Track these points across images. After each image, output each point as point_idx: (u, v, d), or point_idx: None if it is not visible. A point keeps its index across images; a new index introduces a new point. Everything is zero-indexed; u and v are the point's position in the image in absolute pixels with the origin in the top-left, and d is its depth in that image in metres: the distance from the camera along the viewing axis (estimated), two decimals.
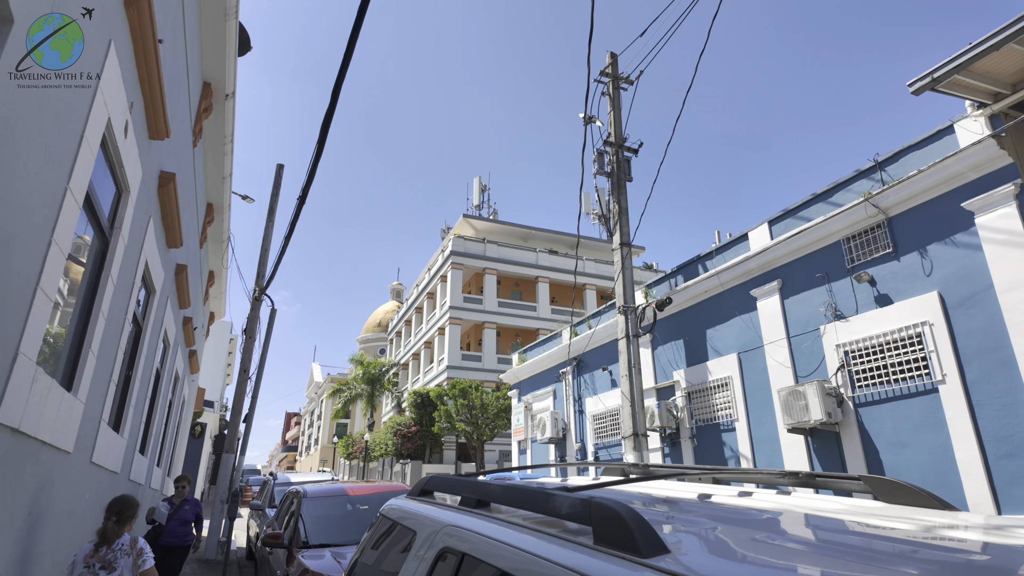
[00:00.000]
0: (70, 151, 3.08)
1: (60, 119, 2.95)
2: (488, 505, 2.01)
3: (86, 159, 3.20)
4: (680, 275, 13.84)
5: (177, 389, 10.31)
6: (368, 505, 6.52)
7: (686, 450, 12.93)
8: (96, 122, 3.34)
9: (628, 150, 15.25)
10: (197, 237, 9.31)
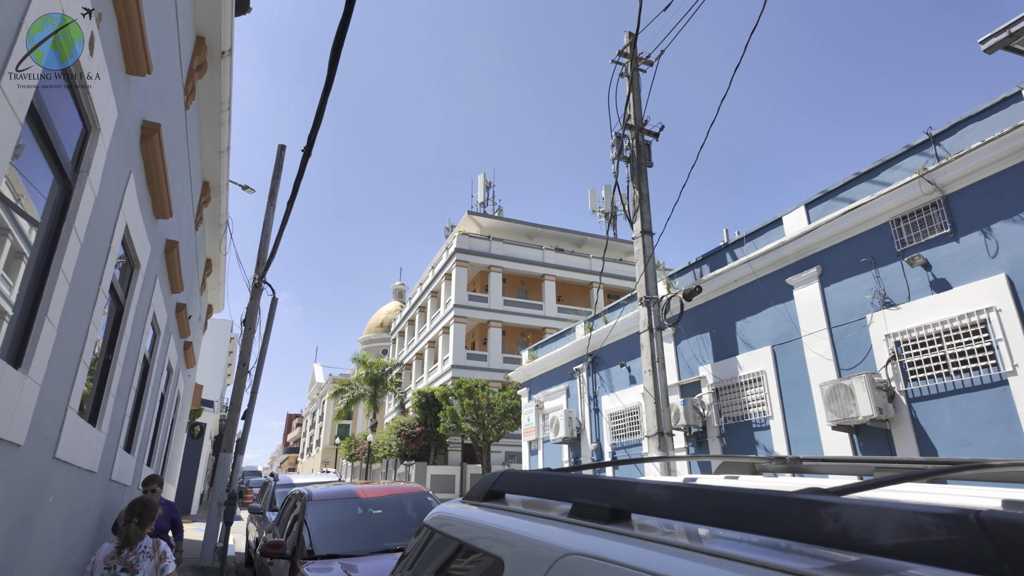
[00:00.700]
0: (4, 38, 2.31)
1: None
2: (629, 518, 1.21)
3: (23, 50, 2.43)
4: (706, 264, 13.04)
5: (171, 383, 9.54)
6: (382, 509, 5.73)
7: (714, 450, 12.12)
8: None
9: (648, 134, 14.48)
10: (191, 215, 8.55)
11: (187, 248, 8.45)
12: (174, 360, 9.36)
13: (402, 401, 45.50)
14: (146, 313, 6.21)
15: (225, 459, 10.40)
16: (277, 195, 11.69)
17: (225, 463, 10.36)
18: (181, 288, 7.95)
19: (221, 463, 10.26)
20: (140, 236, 5.28)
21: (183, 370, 11.25)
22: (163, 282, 7.00)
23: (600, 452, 15.82)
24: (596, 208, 49.63)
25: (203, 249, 11.15)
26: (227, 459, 10.43)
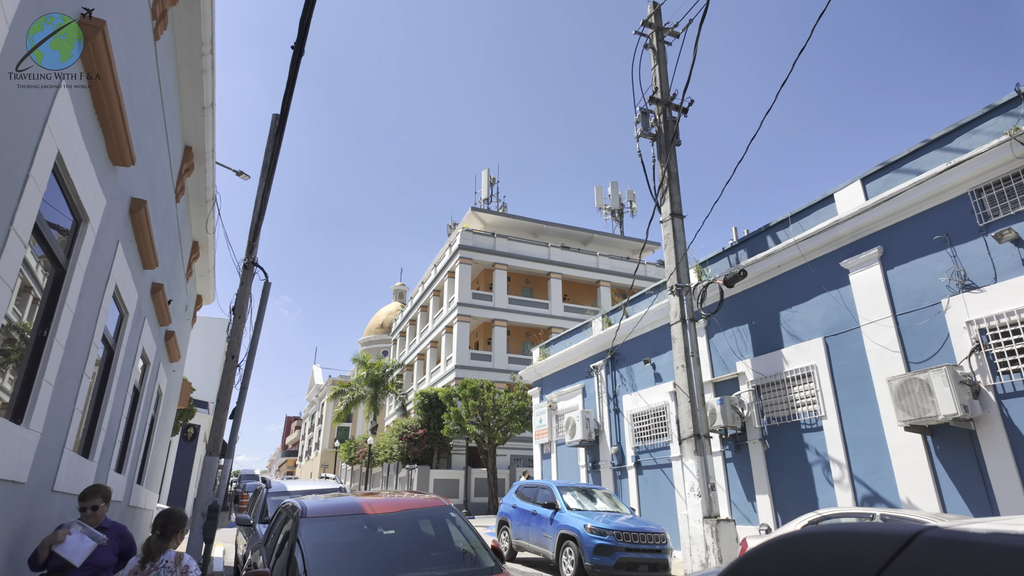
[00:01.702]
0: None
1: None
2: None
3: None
4: (743, 249, 11.87)
5: (148, 376, 8.36)
6: (395, 529, 4.54)
7: (755, 454, 10.94)
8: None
9: (676, 109, 13.32)
10: (169, 181, 7.37)
11: (162, 215, 7.27)
12: (151, 350, 8.17)
13: (403, 403, 44.28)
14: (103, 284, 5.03)
15: (211, 463, 9.19)
16: (274, 169, 10.51)
17: (210, 468, 9.16)
18: (155, 263, 6.77)
19: (206, 468, 9.05)
20: (86, 179, 4.11)
21: (165, 363, 10.05)
22: (129, 251, 5.82)
23: (621, 455, 14.63)
24: (603, 205, 48.56)
25: (188, 228, 9.97)
26: (212, 463, 9.22)
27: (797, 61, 9.02)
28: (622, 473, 14.54)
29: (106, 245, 4.98)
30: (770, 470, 10.63)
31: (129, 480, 8.24)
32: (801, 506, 9.90)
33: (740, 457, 11.29)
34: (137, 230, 5.83)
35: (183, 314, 11.38)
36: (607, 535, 9.64)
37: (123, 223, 5.43)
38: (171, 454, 25.35)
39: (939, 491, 8.03)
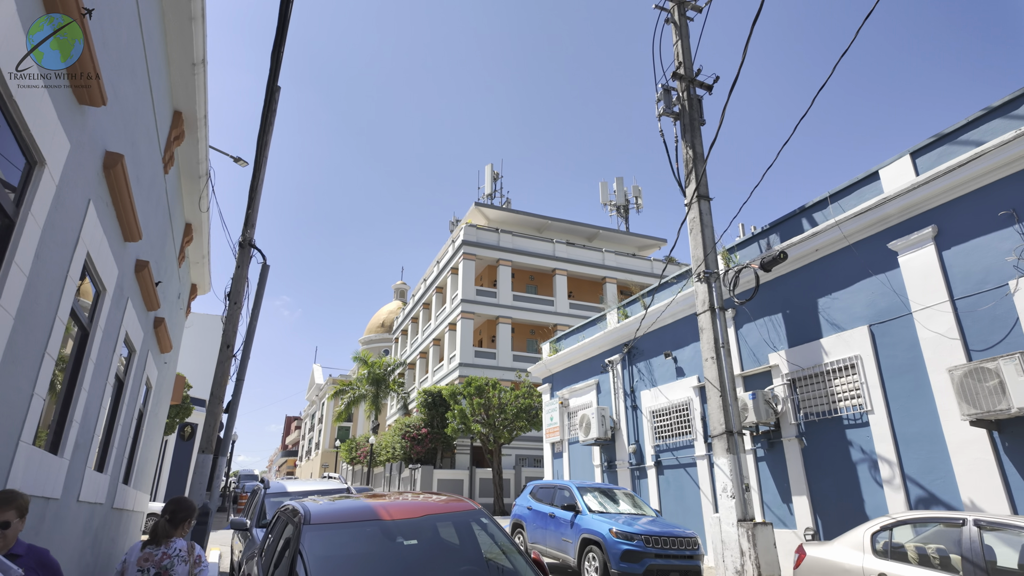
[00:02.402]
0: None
1: None
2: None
3: None
4: (774, 233, 11.09)
5: (133, 364, 7.57)
6: (417, 538, 3.75)
7: (791, 453, 10.16)
8: None
9: (700, 86, 12.55)
10: (154, 143, 6.57)
11: (147, 184, 6.48)
12: (136, 336, 7.38)
13: (405, 402, 43.48)
14: (69, 248, 4.25)
15: (203, 462, 8.42)
16: (269, 145, 9.74)
17: (203, 467, 8.39)
18: (138, 235, 5.99)
19: (198, 467, 8.28)
20: (40, 110, 3.34)
21: (155, 353, 9.27)
22: (104, 215, 5.04)
23: (640, 454, 13.84)
24: (608, 201, 47.77)
25: (180, 207, 9.18)
26: (206, 462, 8.45)
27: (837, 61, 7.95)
28: (641, 473, 13.76)
29: (73, 201, 4.20)
30: (808, 469, 9.85)
31: (112, 480, 7.45)
32: (845, 509, 9.12)
33: (773, 456, 10.51)
34: (114, 191, 5.05)
35: (175, 302, 10.60)
36: (635, 540, 8.87)
37: (95, 179, 4.65)
38: (167, 454, 24.57)
39: (1009, 491, 7.25)
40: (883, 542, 5.60)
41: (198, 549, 3.89)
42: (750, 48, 29.18)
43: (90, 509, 6.45)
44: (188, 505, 3.98)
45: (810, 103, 7.48)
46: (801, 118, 7.78)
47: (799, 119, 7.87)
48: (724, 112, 8.68)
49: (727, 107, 8.50)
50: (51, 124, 3.59)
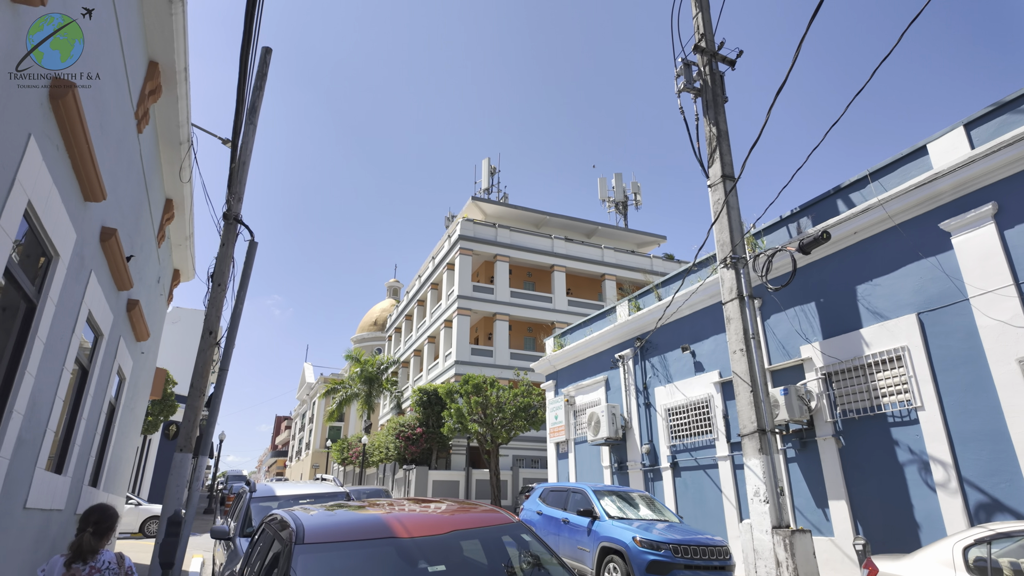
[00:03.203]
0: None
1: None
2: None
3: None
4: (806, 216, 10.28)
5: (100, 350, 6.64)
6: (446, 563, 2.86)
7: (826, 453, 9.35)
8: None
9: (723, 60, 11.76)
10: (124, 89, 5.67)
11: (116, 137, 5.57)
12: (104, 317, 6.46)
13: (399, 401, 42.46)
14: (5, 190, 3.35)
15: (182, 462, 7.47)
16: (259, 111, 8.83)
17: (181, 468, 7.45)
18: (101, 194, 5.08)
19: (175, 468, 7.33)
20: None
21: (129, 340, 8.33)
22: (55, 161, 4.14)
23: (654, 455, 13.00)
24: (606, 197, 46.97)
25: (158, 176, 8.24)
26: (184, 462, 7.51)
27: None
28: (655, 475, 12.92)
29: (6, 131, 3.30)
30: (846, 471, 9.05)
31: (74, 483, 6.52)
32: (891, 515, 8.32)
33: (806, 456, 9.70)
34: (67, 132, 4.14)
35: (154, 286, 9.66)
36: (662, 549, 8.02)
37: (39, 110, 3.75)
38: (150, 453, 23.51)
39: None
40: (977, 557, 4.77)
41: (128, 561, 3.66)
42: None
43: (44, 517, 5.52)
44: (111, 513, 3.74)
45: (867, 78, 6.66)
46: (855, 96, 6.96)
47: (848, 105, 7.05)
48: (769, 114, 7.85)
49: (772, 109, 7.67)
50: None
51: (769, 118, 10.18)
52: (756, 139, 8.19)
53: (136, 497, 17.98)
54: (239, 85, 6.98)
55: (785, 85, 7.99)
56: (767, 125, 9.67)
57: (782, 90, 10.34)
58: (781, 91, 7.13)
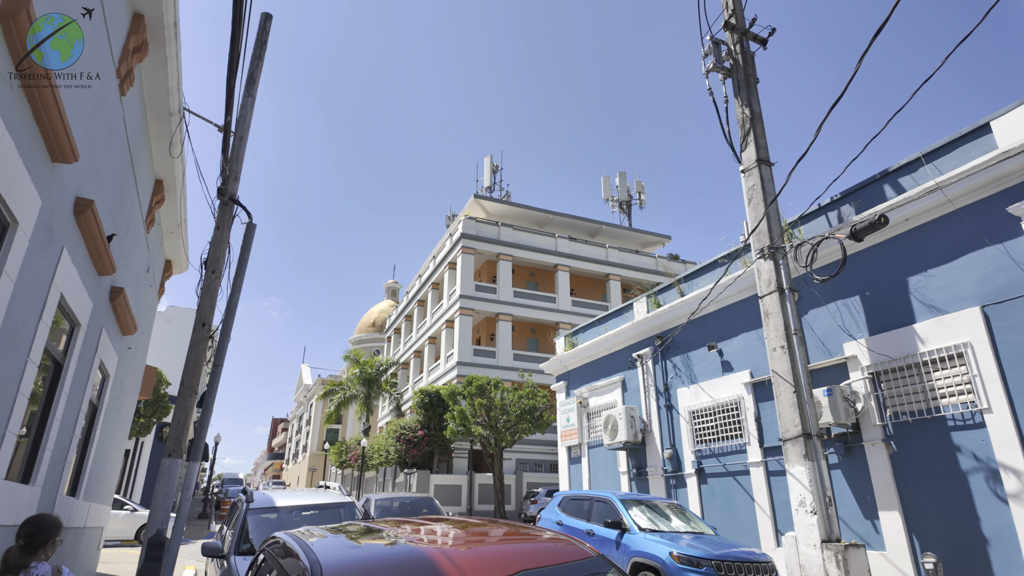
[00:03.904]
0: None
1: None
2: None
3: None
4: (847, 203, 9.54)
5: (77, 343, 5.85)
6: None
7: (875, 459, 8.59)
8: None
9: (754, 39, 11.05)
10: (104, 38, 4.89)
11: (91, 92, 4.78)
12: (82, 306, 5.67)
13: (398, 403, 41.61)
14: None
15: (171, 468, 6.66)
16: (258, 83, 8.04)
17: (170, 475, 6.64)
18: (72, 155, 4.31)
19: (162, 476, 6.52)
20: None
21: (113, 333, 7.53)
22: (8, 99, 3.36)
23: (677, 460, 12.23)
24: (610, 196, 46.25)
25: (146, 151, 7.45)
26: (174, 468, 6.70)
27: None
28: (678, 482, 12.15)
29: None
30: (898, 479, 8.28)
31: (47, 493, 5.71)
32: (953, 528, 7.55)
33: (851, 463, 8.94)
34: (18, 54, 3.35)
35: (143, 276, 8.86)
36: (703, 566, 7.24)
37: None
38: (142, 457, 22.65)
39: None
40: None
41: (66, 572, 3.46)
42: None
43: (6, 534, 4.72)
44: (48, 524, 3.40)
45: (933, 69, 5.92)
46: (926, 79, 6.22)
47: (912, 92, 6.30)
48: (819, 131, 7.09)
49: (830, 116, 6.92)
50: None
51: (822, 123, 8.89)
52: (804, 152, 7.48)
53: (131, 503, 17.13)
54: (232, 43, 6.19)
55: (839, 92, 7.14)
56: (816, 139, 8.59)
57: (837, 104, 8.93)
58: (836, 105, 6.40)
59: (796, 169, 16.81)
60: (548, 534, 2.62)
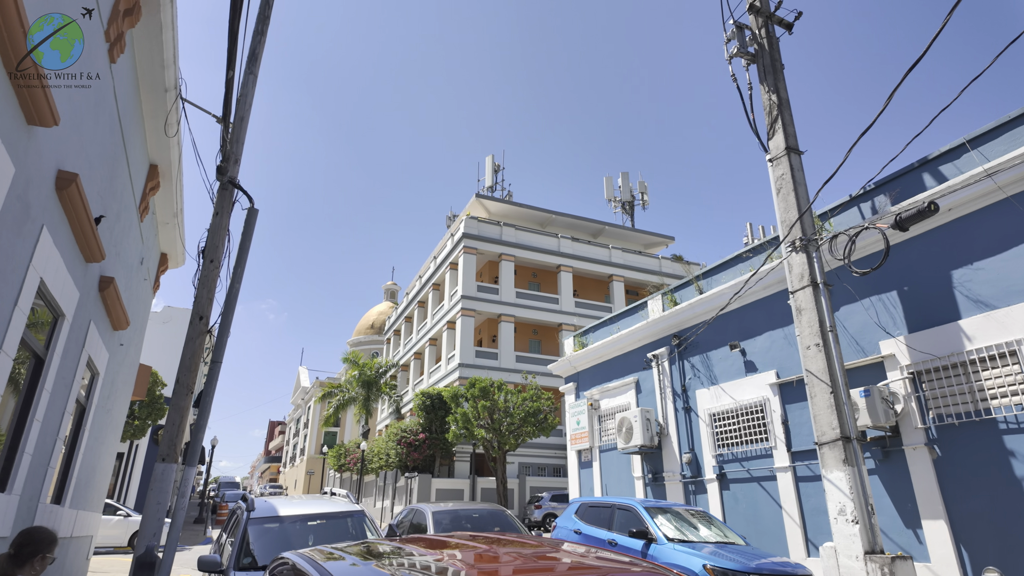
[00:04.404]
0: None
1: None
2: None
3: None
4: (881, 194, 9.03)
5: (61, 336, 5.30)
6: None
7: (916, 465, 8.06)
8: None
9: (779, 23, 10.57)
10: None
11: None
12: (64, 293, 5.12)
13: (398, 406, 41.01)
14: None
15: (163, 475, 6.10)
16: (259, 60, 7.51)
17: (163, 482, 6.07)
18: (53, 119, 3.78)
19: (155, 482, 5.96)
20: None
21: (102, 326, 6.97)
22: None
23: (696, 465, 11.69)
24: (612, 197, 45.75)
25: (139, 130, 6.90)
26: (168, 475, 6.14)
27: None
28: (697, 487, 11.60)
29: None
30: (943, 486, 7.76)
31: (26, 501, 5.15)
32: (1009, 539, 7.03)
33: (890, 468, 8.41)
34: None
35: (136, 267, 8.30)
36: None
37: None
38: (136, 461, 22.02)
39: None
40: None
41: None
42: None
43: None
44: (39, 538, 3.25)
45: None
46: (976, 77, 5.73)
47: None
48: (850, 153, 6.57)
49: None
50: None
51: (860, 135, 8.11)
52: (836, 169, 6.92)
53: (125, 507, 16.52)
54: (232, 12, 5.66)
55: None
56: (847, 158, 7.97)
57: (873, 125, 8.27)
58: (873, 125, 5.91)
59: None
60: (641, 565, 2.08)
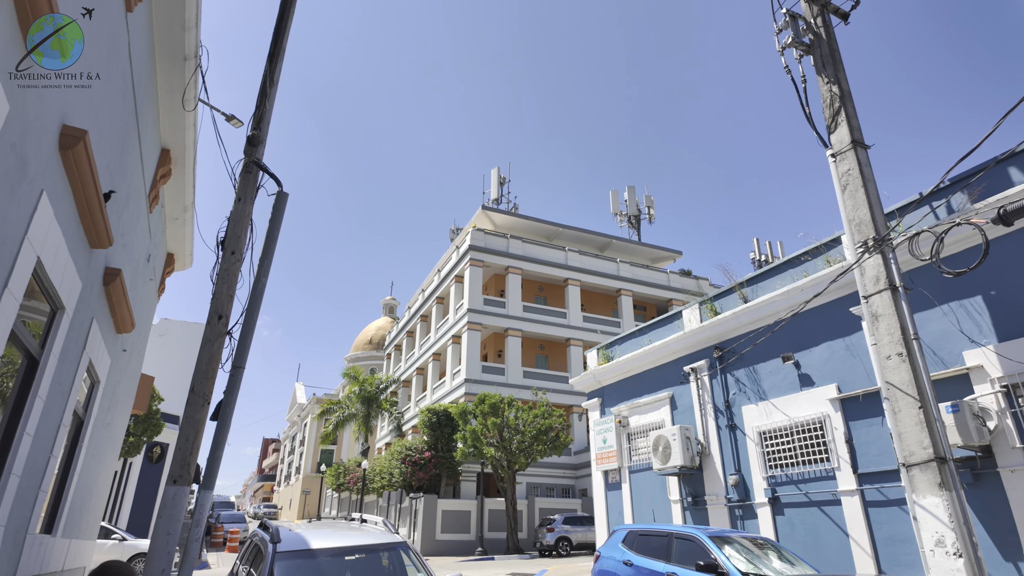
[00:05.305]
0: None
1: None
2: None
3: None
4: (957, 190, 8.28)
5: (60, 332, 4.44)
6: None
7: (1016, 490, 7.21)
8: None
9: (836, 12, 9.91)
10: None
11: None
12: (66, 282, 4.29)
13: (399, 423, 39.89)
14: None
15: (176, 498, 5.19)
16: (289, 24, 6.74)
17: (175, 506, 5.16)
18: None
19: (164, 507, 5.05)
20: None
21: (105, 327, 6.10)
22: None
23: (744, 488, 10.78)
24: (618, 211, 45.15)
25: (153, 105, 6.09)
26: (180, 498, 5.23)
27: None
28: (745, 512, 10.69)
29: None
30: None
31: (11, 532, 4.23)
32: None
33: (982, 492, 7.56)
34: None
35: (143, 264, 7.44)
36: None
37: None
38: (130, 480, 20.89)
39: None
40: None
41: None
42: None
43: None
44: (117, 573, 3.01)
45: None
46: None
47: None
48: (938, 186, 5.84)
49: None
50: None
51: None
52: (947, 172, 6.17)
53: (119, 530, 15.45)
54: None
55: None
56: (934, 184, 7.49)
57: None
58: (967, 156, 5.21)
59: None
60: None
